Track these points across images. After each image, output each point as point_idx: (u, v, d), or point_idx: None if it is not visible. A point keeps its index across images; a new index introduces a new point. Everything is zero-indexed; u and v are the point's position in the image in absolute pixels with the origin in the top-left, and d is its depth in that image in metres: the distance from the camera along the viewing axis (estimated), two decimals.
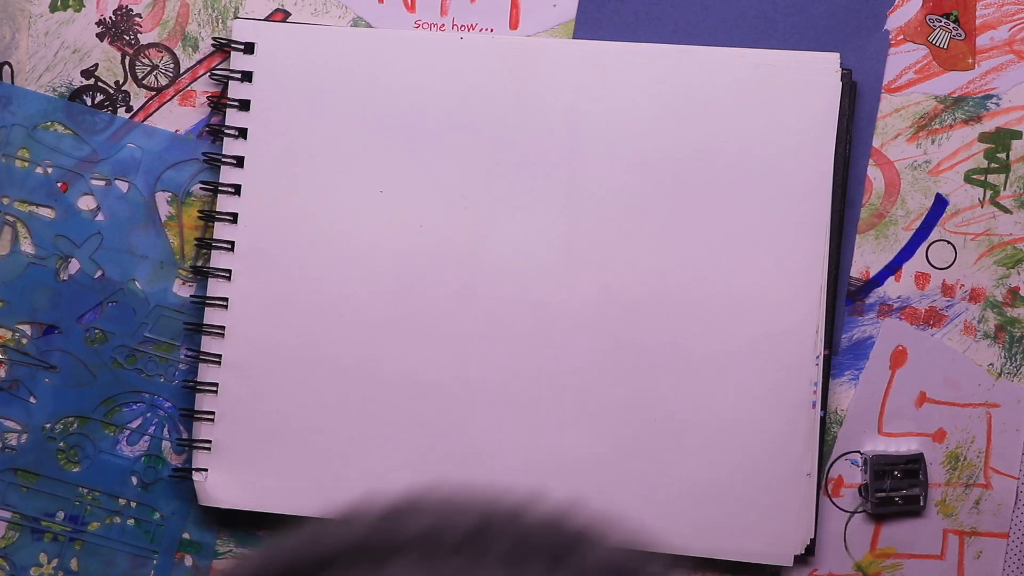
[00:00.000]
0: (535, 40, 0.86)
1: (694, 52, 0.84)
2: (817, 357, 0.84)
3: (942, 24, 0.86)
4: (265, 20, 0.86)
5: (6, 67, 0.86)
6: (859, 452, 0.86)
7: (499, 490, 0.51)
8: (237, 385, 0.85)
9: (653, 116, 0.84)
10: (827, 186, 0.84)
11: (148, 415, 0.86)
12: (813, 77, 0.84)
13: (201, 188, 0.86)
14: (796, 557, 0.85)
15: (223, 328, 0.85)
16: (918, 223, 0.86)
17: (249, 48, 0.85)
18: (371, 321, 0.85)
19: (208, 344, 0.85)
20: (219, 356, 0.85)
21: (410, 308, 0.84)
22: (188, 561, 0.87)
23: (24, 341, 0.86)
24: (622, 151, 0.84)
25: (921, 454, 0.86)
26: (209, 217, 0.85)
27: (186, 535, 0.87)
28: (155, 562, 0.86)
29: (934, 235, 0.87)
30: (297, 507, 0.85)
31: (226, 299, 0.85)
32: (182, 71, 0.86)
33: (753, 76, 0.84)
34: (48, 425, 0.86)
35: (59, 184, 0.86)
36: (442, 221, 0.84)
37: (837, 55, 0.84)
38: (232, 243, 0.85)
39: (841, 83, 0.84)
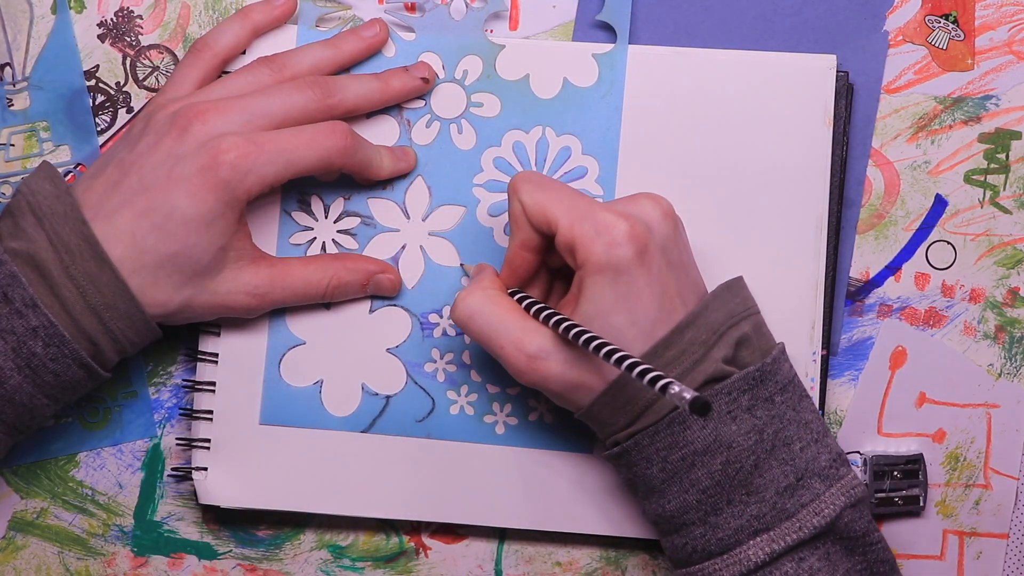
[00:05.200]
0: (535, 42, 0.86)
1: (691, 54, 0.85)
2: (814, 354, 0.84)
3: (941, 25, 0.86)
4: None
5: (7, 68, 0.86)
6: (859, 452, 0.86)
7: None
8: (235, 383, 0.85)
9: (650, 117, 0.84)
10: (824, 187, 0.84)
11: None
12: (809, 79, 0.84)
13: None
14: None
15: (219, 328, 0.85)
16: (918, 223, 0.87)
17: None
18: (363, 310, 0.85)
19: (205, 343, 0.85)
20: (216, 355, 0.85)
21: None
22: (188, 562, 0.87)
23: None
24: (619, 151, 0.85)
25: (921, 454, 0.86)
26: None
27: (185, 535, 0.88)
28: None
29: (934, 235, 0.87)
30: (298, 504, 0.85)
31: None
32: None
33: (750, 78, 0.84)
34: None
35: None
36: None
37: (834, 56, 0.84)
38: None
39: (837, 84, 0.84)
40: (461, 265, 0.85)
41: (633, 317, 0.76)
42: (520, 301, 0.79)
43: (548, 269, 0.82)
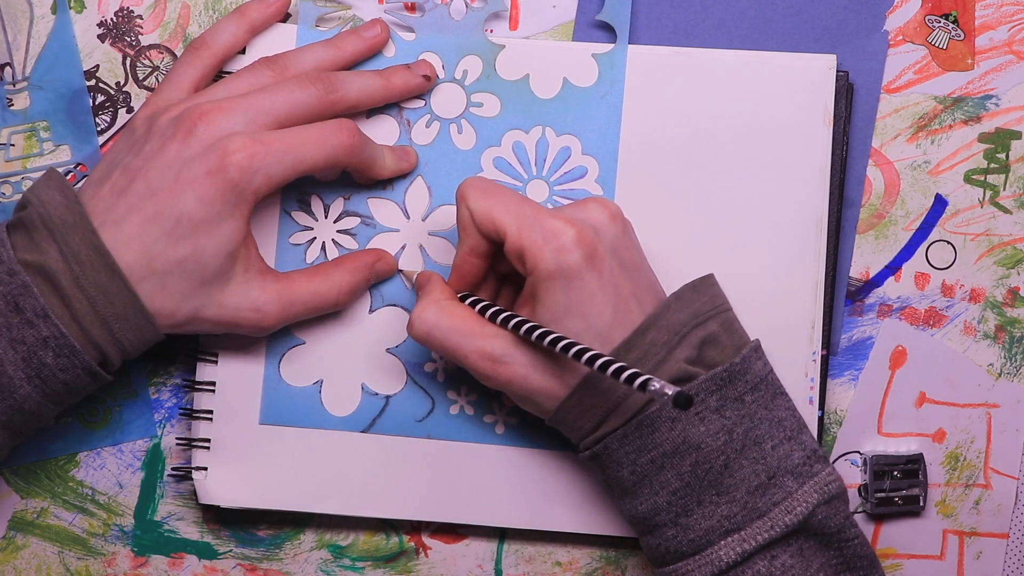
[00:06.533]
0: (535, 42, 0.86)
1: (691, 54, 0.85)
2: (814, 353, 0.84)
3: (941, 25, 0.86)
4: None
5: (7, 68, 0.86)
6: (859, 452, 0.86)
7: None
8: (235, 383, 0.85)
9: (650, 117, 0.85)
10: (824, 186, 0.84)
11: None
12: (809, 79, 0.84)
13: None
14: None
15: None
16: (918, 223, 0.87)
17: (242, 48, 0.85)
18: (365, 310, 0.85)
19: (206, 343, 0.85)
20: (216, 355, 0.85)
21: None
22: (188, 561, 0.87)
23: None
24: (619, 151, 0.85)
25: (921, 454, 0.86)
26: None
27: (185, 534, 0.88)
28: None
29: (934, 235, 0.87)
30: (298, 504, 0.85)
31: None
32: None
33: (750, 78, 0.84)
34: None
35: None
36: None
37: (834, 56, 0.84)
38: None
39: (837, 84, 0.84)
40: (399, 271, 0.84)
41: (588, 321, 0.76)
42: (473, 305, 0.79)
43: (496, 274, 0.82)
